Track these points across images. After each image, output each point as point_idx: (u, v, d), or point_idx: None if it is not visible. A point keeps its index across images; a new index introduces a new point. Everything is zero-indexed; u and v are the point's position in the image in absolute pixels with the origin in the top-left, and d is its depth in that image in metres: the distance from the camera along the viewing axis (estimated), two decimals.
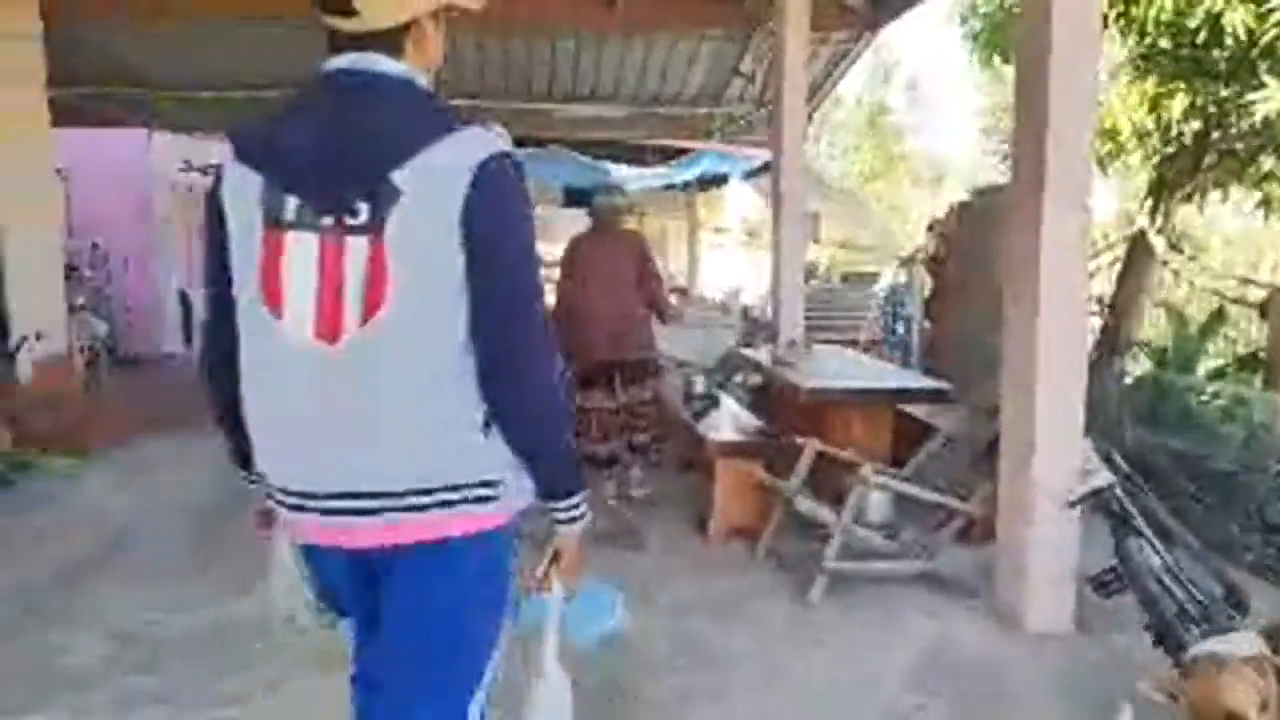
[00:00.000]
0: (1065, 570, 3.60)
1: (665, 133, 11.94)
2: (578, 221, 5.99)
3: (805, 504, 3.81)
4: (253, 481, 1.62)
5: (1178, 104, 5.69)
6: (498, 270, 1.41)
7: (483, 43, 9.05)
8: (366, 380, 1.39)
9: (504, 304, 1.43)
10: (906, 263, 10.18)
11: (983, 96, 18.72)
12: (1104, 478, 3.19)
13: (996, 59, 7.03)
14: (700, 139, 11.98)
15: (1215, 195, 6.81)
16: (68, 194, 9.13)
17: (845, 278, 13.62)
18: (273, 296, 1.41)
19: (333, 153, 1.39)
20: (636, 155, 12.66)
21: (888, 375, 5.81)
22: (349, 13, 1.41)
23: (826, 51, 8.89)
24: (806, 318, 6.85)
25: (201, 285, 1.60)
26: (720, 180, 14.04)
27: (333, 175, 1.38)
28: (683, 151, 12.41)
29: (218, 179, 1.48)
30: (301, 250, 1.39)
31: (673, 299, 6.91)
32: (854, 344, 9.01)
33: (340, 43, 1.45)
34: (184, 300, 11.31)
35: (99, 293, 9.79)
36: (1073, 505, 3.33)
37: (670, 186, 13.59)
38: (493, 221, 1.39)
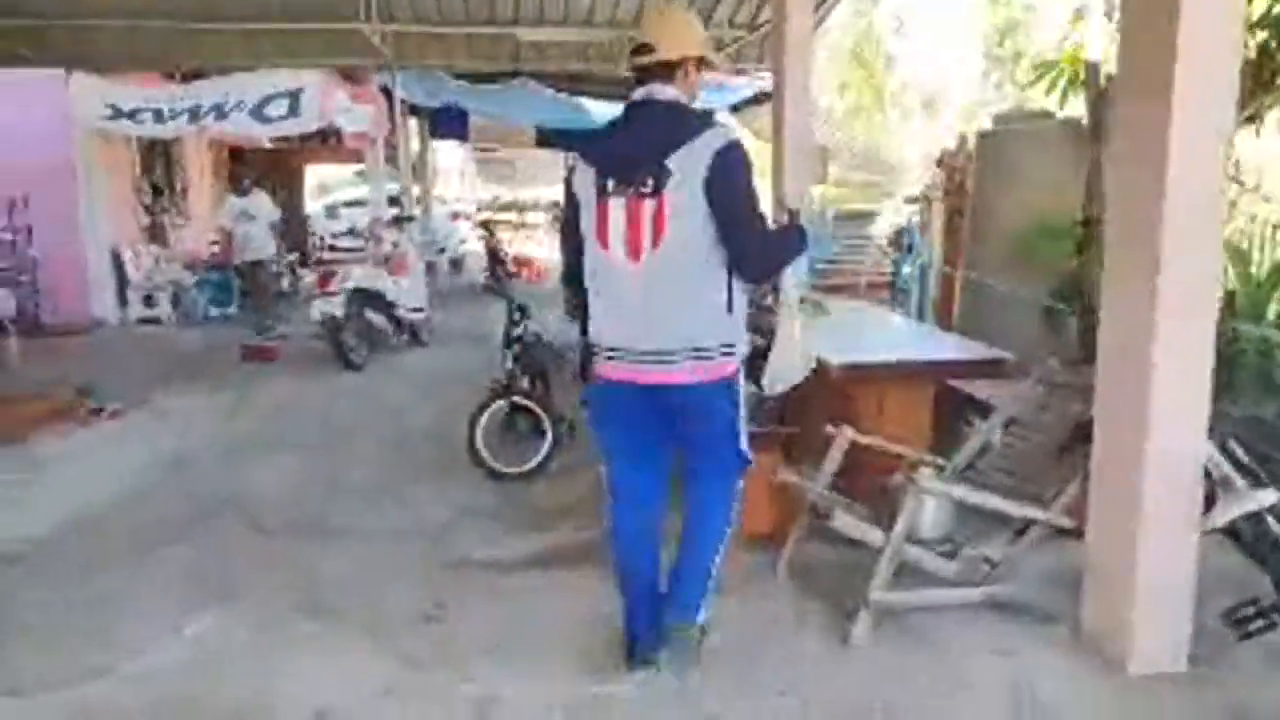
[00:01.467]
0: (1182, 595, 2.80)
1: None
2: (550, 168, 5.06)
3: (844, 519, 2.97)
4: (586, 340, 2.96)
5: (1257, 6, 4.74)
6: (729, 207, 2.64)
7: None
8: (659, 281, 2.67)
9: (735, 223, 2.65)
10: (917, 200, 9.23)
11: (982, 19, 17.54)
12: (1258, 497, 2.37)
13: None
14: None
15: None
16: None
17: (840, 216, 12.65)
18: (602, 237, 2.73)
19: (632, 152, 2.70)
20: (616, 91, 11.57)
21: (930, 342, 4.89)
22: (650, 50, 2.74)
23: None
24: None
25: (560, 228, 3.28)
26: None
27: (631, 166, 2.67)
28: None
29: (571, 170, 2.88)
30: (616, 209, 2.69)
31: None
32: (853, 288, 8.20)
33: (641, 77, 2.77)
34: (117, 261, 10.07)
35: (14, 255, 8.75)
36: (1210, 532, 2.51)
37: None
38: (724, 182, 2.62)
